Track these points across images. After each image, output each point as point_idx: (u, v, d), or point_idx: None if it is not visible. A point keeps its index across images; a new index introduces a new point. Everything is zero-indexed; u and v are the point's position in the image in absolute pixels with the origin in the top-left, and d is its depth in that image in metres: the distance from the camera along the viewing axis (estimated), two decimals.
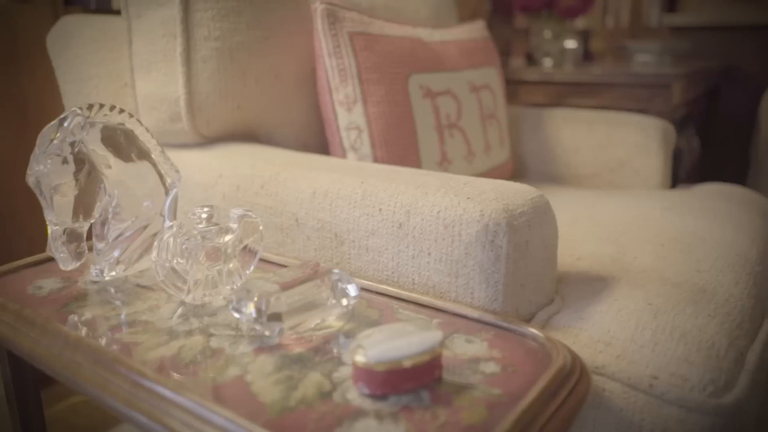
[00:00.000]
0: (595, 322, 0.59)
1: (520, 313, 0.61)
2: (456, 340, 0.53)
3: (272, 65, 0.87)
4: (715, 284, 0.68)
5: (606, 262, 0.74)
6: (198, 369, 0.48)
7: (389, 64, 0.87)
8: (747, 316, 0.64)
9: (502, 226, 0.57)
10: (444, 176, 0.67)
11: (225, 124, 0.86)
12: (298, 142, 0.95)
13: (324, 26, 0.83)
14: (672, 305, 0.62)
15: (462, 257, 0.59)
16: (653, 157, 1.14)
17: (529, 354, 0.51)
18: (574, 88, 1.39)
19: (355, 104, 0.85)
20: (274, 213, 0.73)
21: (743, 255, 0.78)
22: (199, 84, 0.81)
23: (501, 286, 0.58)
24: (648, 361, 0.54)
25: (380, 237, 0.64)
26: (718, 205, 0.97)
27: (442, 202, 0.60)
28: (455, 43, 1.05)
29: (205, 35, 0.80)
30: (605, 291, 0.66)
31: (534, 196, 0.63)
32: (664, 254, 0.75)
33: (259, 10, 0.84)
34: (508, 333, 0.54)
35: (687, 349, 0.55)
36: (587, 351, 0.56)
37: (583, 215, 0.91)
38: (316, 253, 0.70)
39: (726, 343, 0.57)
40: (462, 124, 0.99)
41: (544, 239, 0.63)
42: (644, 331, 0.57)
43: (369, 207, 0.65)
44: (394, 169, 0.71)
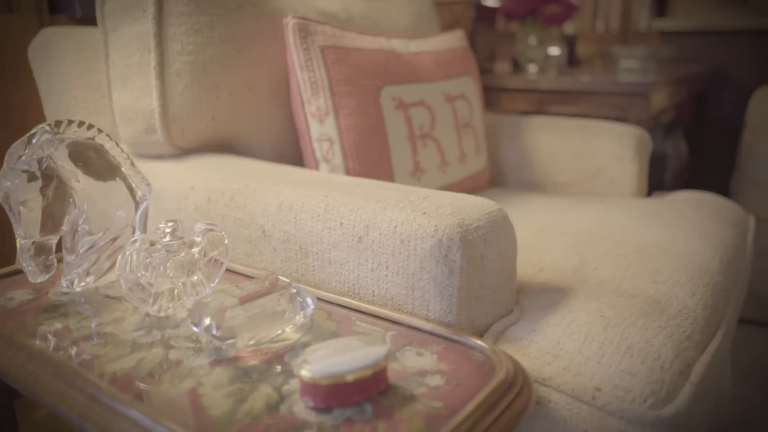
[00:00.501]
0: (546, 334, 0.61)
1: (475, 325, 0.63)
2: (407, 353, 0.55)
3: (246, 77, 0.89)
4: (670, 296, 0.70)
5: (567, 273, 0.75)
6: (154, 382, 0.50)
7: (361, 76, 0.89)
8: (699, 328, 0.66)
9: (456, 241, 0.59)
10: (406, 190, 0.69)
11: (200, 135, 0.87)
12: (273, 152, 0.97)
13: (296, 40, 0.85)
14: (624, 317, 0.63)
15: (417, 271, 0.61)
16: (628, 166, 1.16)
17: (475, 366, 0.52)
18: (555, 96, 1.41)
19: (326, 116, 0.87)
20: (242, 225, 0.75)
21: (704, 266, 0.80)
22: (173, 97, 0.83)
23: (455, 299, 0.60)
24: (593, 373, 0.56)
25: (342, 250, 0.66)
26: (687, 214, 0.99)
27: (398, 217, 0.62)
28: (431, 53, 1.07)
29: (179, 49, 0.82)
30: (562, 302, 0.67)
31: (491, 210, 0.65)
32: (625, 265, 0.77)
33: (232, 24, 0.86)
34: (458, 345, 0.56)
35: (632, 361, 0.56)
36: (536, 363, 0.58)
37: (552, 225, 0.93)
38: (282, 264, 0.72)
39: (672, 355, 0.59)
40: (436, 134, 1.01)
41: (500, 252, 0.64)
42: (592, 344, 0.58)
43: (331, 221, 0.67)
44: (359, 183, 0.72)
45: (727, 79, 2.48)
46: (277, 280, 0.59)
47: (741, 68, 2.45)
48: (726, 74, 2.48)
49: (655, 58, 1.83)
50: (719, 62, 2.48)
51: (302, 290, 0.58)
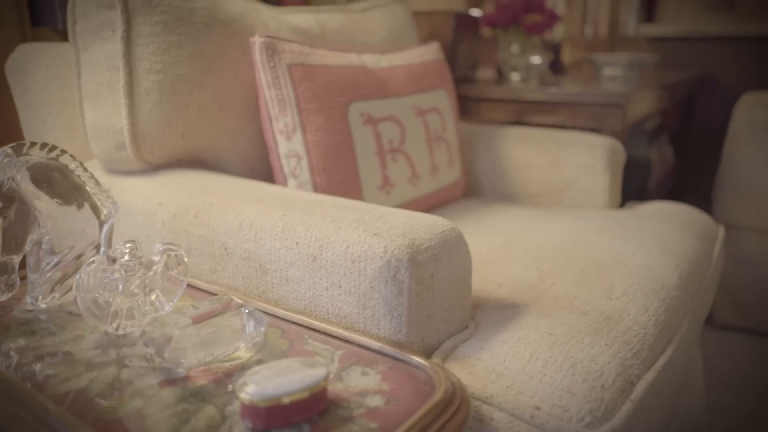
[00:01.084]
0: (493, 352, 0.62)
1: (426, 343, 0.64)
2: (352, 373, 0.56)
3: (216, 95, 0.90)
4: (622, 312, 0.72)
5: (524, 288, 0.77)
6: (102, 402, 0.52)
7: (328, 93, 0.90)
8: (647, 344, 0.67)
9: (404, 262, 0.60)
10: (363, 209, 0.70)
11: (170, 151, 0.89)
12: (245, 167, 0.98)
13: (262, 59, 0.87)
14: (572, 335, 0.65)
15: (368, 291, 0.63)
16: (599, 177, 1.17)
17: (416, 386, 0.54)
18: (534, 106, 1.42)
19: (294, 133, 0.89)
20: (206, 242, 0.76)
21: (661, 280, 0.82)
22: (142, 114, 0.85)
23: (404, 318, 0.62)
24: (534, 391, 0.57)
25: (298, 269, 0.68)
26: (653, 226, 1.00)
27: (350, 238, 0.64)
28: (403, 67, 1.08)
29: (147, 68, 0.84)
30: (514, 319, 0.69)
31: (444, 230, 0.66)
32: (582, 281, 0.79)
33: (200, 43, 0.88)
34: (403, 365, 0.57)
35: (573, 379, 0.58)
36: (480, 381, 0.59)
37: (517, 238, 0.94)
38: (244, 281, 0.74)
39: (615, 373, 0.60)
40: (406, 148, 1.02)
41: (453, 271, 0.66)
42: (537, 362, 0.60)
43: (288, 240, 0.68)
44: (320, 201, 0.74)
45: (714, 84, 2.49)
46: (231, 301, 0.61)
47: (728, 74, 2.46)
48: (713, 80, 2.49)
49: (638, 65, 1.84)
50: (706, 68, 2.49)
51: (255, 310, 0.60)
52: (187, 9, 0.86)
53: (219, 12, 0.91)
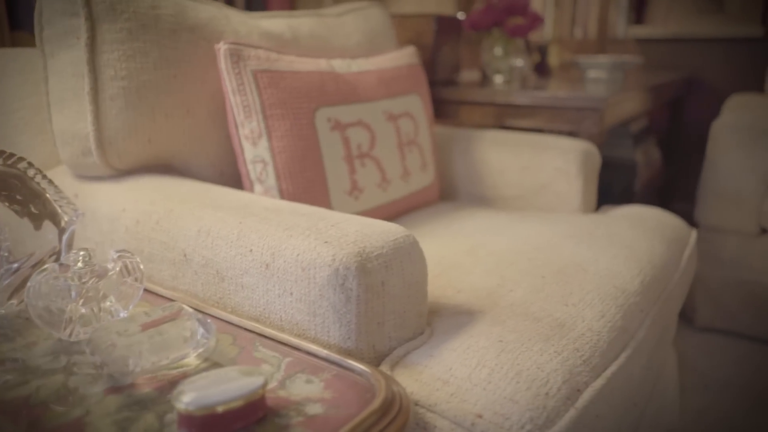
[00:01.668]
0: (441, 360, 0.63)
1: (377, 350, 0.65)
2: (297, 380, 0.57)
3: (182, 101, 0.91)
4: (577, 318, 0.72)
5: (483, 295, 0.77)
6: (45, 410, 0.52)
7: (294, 99, 0.91)
8: (599, 351, 0.68)
9: (352, 270, 0.61)
10: (319, 217, 0.71)
11: (137, 157, 0.90)
12: (215, 171, 0.99)
13: (227, 65, 0.87)
14: (522, 342, 0.65)
15: (318, 298, 0.63)
16: (573, 181, 1.17)
17: (358, 394, 0.54)
18: (512, 109, 1.42)
19: (260, 139, 0.89)
20: (167, 248, 0.77)
21: (621, 286, 0.82)
22: (108, 121, 0.85)
23: (354, 325, 0.62)
24: (477, 399, 0.58)
25: (252, 276, 0.68)
26: (621, 231, 1.01)
27: (301, 246, 0.64)
28: (374, 72, 1.09)
29: (112, 75, 0.84)
30: (468, 326, 0.69)
31: (397, 237, 0.67)
32: (541, 287, 0.79)
33: (166, 50, 0.88)
34: (348, 372, 0.58)
35: (518, 387, 0.59)
36: (426, 389, 0.60)
37: (484, 243, 0.95)
38: (203, 287, 0.74)
39: (561, 381, 0.61)
40: (376, 153, 1.03)
41: (405, 279, 0.67)
42: (483, 370, 0.61)
43: (242, 247, 0.69)
44: (278, 208, 0.74)
45: (703, 86, 2.49)
46: (182, 308, 0.61)
47: (717, 75, 2.46)
48: (702, 81, 2.49)
49: (622, 67, 1.84)
50: (695, 69, 2.49)
51: (204, 318, 0.61)
52: (153, 16, 0.87)
53: (186, 18, 0.92)
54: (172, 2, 0.90)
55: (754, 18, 2.38)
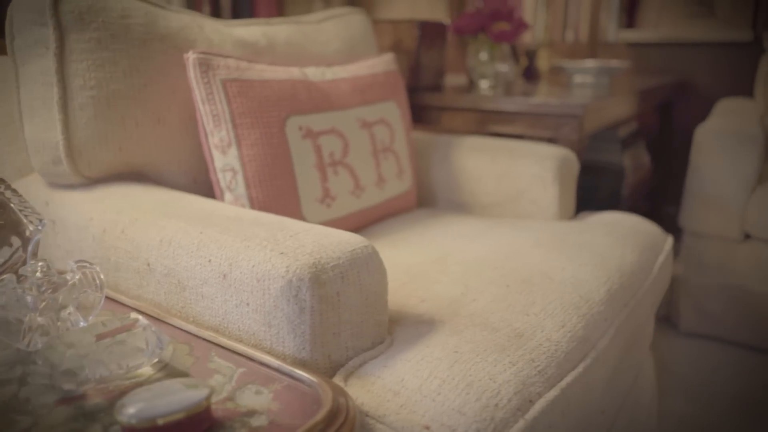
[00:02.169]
0: (395, 370, 0.63)
1: (333, 360, 0.65)
2: (246, 392, 0.57)
3: (153, 109, 0.92)
4: (536, 328, 0.73)
5: (445, 304, 0.78)
6: None
7: (265, 108, 0.91)
8: (555, 362, 0.68)
9: (305, 282, 0.61)
10: (279, 227, 0.71)
11: (108, 165, 0.90)
12: (188, 179, 0.99)
13: (196, 75, 0.88)
14: (477, 352, 0.66)
15: (272, 309, 0.64)
16: (549, 188, 1.18)
17: (305, 405, 0.55)
18: (493, 116, 1.43)
19: (229, 147, 0.90)
20: (131, 257, 0.78)
21: (586, 295, 0.82)
22: (77, 130, 0.86)
23: (308, 336, 0.63)
24: (426, 410, 0.58)
25: (211, 286, 0.69)
26: (593, 239, 1.01)
27: (256, 257, 0.65)
28: (349, 80, 1.09)
29: (81, 84, 0.85)
30: (426, 336, 0.70)
31: (355, 248, 0.67)
32: (504, 296, 0.79)
33: (136, 59, 0.89)
34: (298, 383, 0.58)
35: (467, 398, 0.59)
36: (376, 400, 0.60)
37: (454, 251, 0.95)
38: (165, 296, 0.75)
39: (513, 392, 0.61)
40: (349, 161, 1.03)
41: (363, 289, 0.67)
42: (434, 381, 0.61)
43: (202, 257, 0.69)
44: (240, 218, 0.75)
45: (693, 90, 2.49)
46: (137, 319, 0.62)
47: (707, 79, 2.46)
48: (692, 85, 2.49)
49: (608, 72, 1.85)
50: (686, 73, 2.50)
51: (159, 328, 0.61)
52: (123, 26, 0.88)
53: (157, 27, 0.92)
54: (142, 12, 0.91)
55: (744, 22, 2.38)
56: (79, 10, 0.84)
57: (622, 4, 2.61)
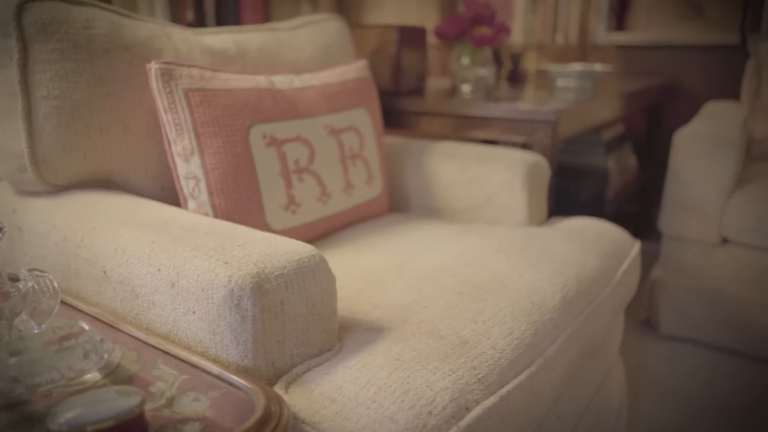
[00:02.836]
0: (335, 378, 0.65)
1: (277, 368, 0.67)
2: (185, 399, 0.59)
3: (118, 118, 0.93)
4: (482, 336, 0.74)
5: (397, 311, 0.79)
6: None
7: (228, 116, 0.93)
8: (497, 369, 0.69)
9: (247, 291, 0.63)
10: (230, 236, 0.73)
11: (73, 173, 0.92)
12: (155, 186, 1.01)
13: (158, 85, 0.89)
14: (418, 360, 0.67)
15: (216, 318, 0.65)
16: (518, 194, 1.19)
17: (239, 412, 0.56)
18: (469, 121, 1.44)
19: (192, 156, 0.91)
20: (90, 264, 0.79)
21: (539, 303, 0.84)
22: (42, 138, 0.88)
23: (250, 344, 0.64)
24: (359, 418, 0.59)
25: (161, 294, 0.70)
26: (556, 245, 1.02)
27: (202, 267, 0.66)
28: (318, 87, 1.11)
29: (45, 94, 0.87)
30: (372, 344, 0.71)
31: (301, 257, 0.69)
32: (455, 303, 0.81)
33: (100, 69, 0.91)
34: (236, 390, 0.60)
35: (401, 406, 0.60)
36: (314, 407, 0.62)
37: (414, 258, 0.97)
38: (121, 304, 0.77)
39: (449, 399, 0.62)
40: (315, 168, 1.05)
41: (309, 298, 0.68)
42: (371, 389, 0.62)
43: (152, 266, 0.71)
44: (194, 227, 0.76)
45: (681, 92, 2.50)
46: (83, 329, 0.64)
47: (695, 82, 2.47)
48: (681, 88, 2.50)
49: (591, 76, 1.86)
50: (674, 76, 2.50)
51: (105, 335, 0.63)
52: (86, 36, 0.89)
53: (122, 38, 0.94)
54: (107, 22, 0.93)
55: (732, 25, 2.39)
56: (43, 21, 0.86)
57: (611, 6, 2.61)
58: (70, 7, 0.89)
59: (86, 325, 0.64)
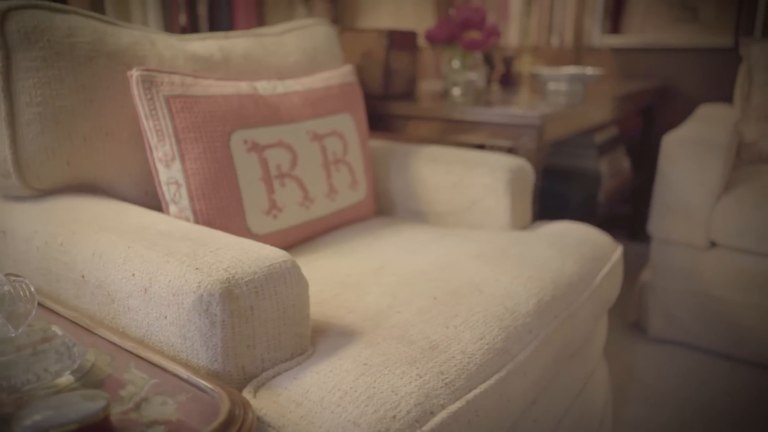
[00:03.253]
0: (302, 382, 0.66)
1: (247, 372, 0.68)
2: (153, 402, 0.60)
3: (101, 124, 0.95)
4: (453, 341, 0.75)
5: (370, 316, 0.80)
6: None
7: (208, 123, 0.94)
8: (466, 374, 0.71)
9: (216, 297, 0.64)
10: (204, 241, 0.74)
11: (57, 179, 0.93)
12: (139, 191, 1.02)
13: (139, 91, 0.91)
14: (386, 365, 0.68)
15: (186, 323, 0.66)
16: (501, 198, 1.20)
17: (203, 416, 0.58)
18: (456, 125, 1.45)
19: (173, 161, 0.93)
20: (69, 269, 0.81)
21: (513, 308, 0.85)
22: (25, 145, 0.89)
23: (219, 348, 0.66)
24: (323, 422, 0.61)
25: (135, 299, 0.72)
26: (535, 250, 1.03)
27: (173, 272, 0.67)
28: (301, 93, 1.12)
29: (27, 101, 0.88)
30: (343, 348, 0.72)
31: (272, 263, 0.70)
32: (428, 308, 0.82)
33: (83, 77, 0.92)
34: (204, 394, 0.61)
35: (365, 410, 0.61)
36: (280, 411, 0.63)
37: (393, 262, 0.98)
38: (98, 307, 0.78)
39: (413, 404, 0.64)
40: (297, 173, 1.06)
41: (280, 303, 0.70)
42: (336, 393, 0.64)
43: (127, 271, 0.72)
44: (170, 233, 0.78)
45: (676, 94, 2.50)
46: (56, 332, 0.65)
47: (690, 84, 2.47)
48: (676, 90, 2.50)
49: (581, 80, 1.86)
50: (669, 78, 2.50)
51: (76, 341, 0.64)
52: (68, 44, 0.91)
53: (104, 45, 0.95)
54: (90, 30, 0.94)
55: (727, 28, 2.39)
56: (25, 29, 0.87)
57: (607, 9, 2.62)
58: (53, 15, 0.90)
59: (59, 330, 0.65)
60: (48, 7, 0.91)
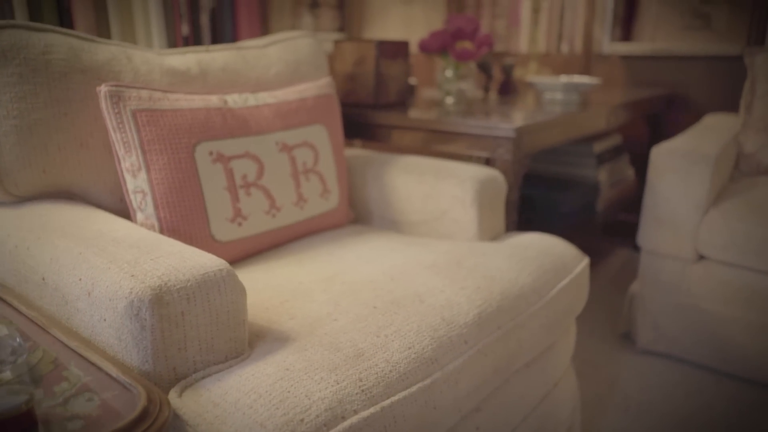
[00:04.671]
0: (224, 384, 0.70)
1: (178, 372, 0.73)
2: (81, 398, 0.65)
3: (75, 135, 1.01)
4: (380, 349, 0.78)
5: (308, 323, 0.84)
6: None
7: (173, 135, 1.00)
8: (385, 382, 0.74)
9: (145, 303, 0.69)
10: (149, 250, 0.79)
11: (34, 186, 1.00)
12: (113, 198, 1.09)
13: (107, 106, 0.97)
14: (307, 371, 0.72)
15: (121, 326, 0.72)
16: (468, 209, 1.23)
17: (122, 411, 0.62)
18: (436, 135, 1.48)
19: (139, 171, 0.98)
20: (33, 272, 0.87)
21: (451, 318, 0.87)
22: (3, 154, 0.96)
23: (150, 350, 0.70)
24: (234, 422, 0.65)
25: (82, 301, 0.77)
26: (493, 261, 1.05)
27: (111, 278, 0.73)
28: (273, 105, 1.17)
29: (5, 114, 0.95)
30: (273, 353, 0.77)
31: (207, 272, 0.75)
32: (365, 317, 0.85)
33: (57, 91, 0.98)
34: (128, 392, 0.66)
35: (274, 413, 0.65)
36: (198, 411, 0.67)
37: (347, 270, 1.01)
38: (56, 309, 0.84)
39: (324, 408, 0.67)
40: (264, 183, 1.10)
41: (213, 309, 0.74)
42: (251, 395, 0.68)
43: (75, 276, 0.78)
44: (122, 240, 0.83)
45: (687, 103, 2.47)
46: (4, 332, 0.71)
47: (700, 92, 2.44)
48: (685, 98, 2.47)
49: (576, 89, 1.87)
50: (679, 86, 2.48)
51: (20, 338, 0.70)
52: (44, 61, 0.97)
53: (79, 61, 1.02)
54: (66, 47, 1.01)
55: (739, 36, 2.35)
56: (2, 47, 0.94)
57: (617, 17, 2.60)
58: (29, 34, 0.97)
59: (6, 329, 0.71)
60: (26, 26, 0.97)
